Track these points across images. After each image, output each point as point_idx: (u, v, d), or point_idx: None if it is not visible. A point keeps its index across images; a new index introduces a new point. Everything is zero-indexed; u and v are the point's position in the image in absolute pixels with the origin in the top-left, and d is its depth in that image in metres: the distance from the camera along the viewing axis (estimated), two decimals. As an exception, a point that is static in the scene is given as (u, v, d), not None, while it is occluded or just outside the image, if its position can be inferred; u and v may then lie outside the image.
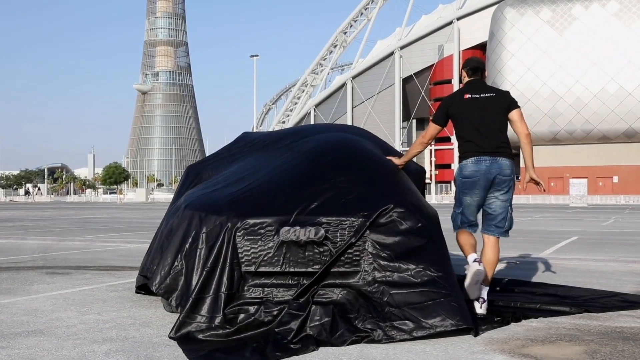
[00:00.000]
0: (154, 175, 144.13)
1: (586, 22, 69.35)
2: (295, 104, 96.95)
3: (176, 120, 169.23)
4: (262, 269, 4.05)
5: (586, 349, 3.58)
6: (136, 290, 5.39)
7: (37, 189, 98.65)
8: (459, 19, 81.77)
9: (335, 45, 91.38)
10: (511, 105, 4.57)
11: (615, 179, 69.51)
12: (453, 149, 69.12)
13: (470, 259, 4.39)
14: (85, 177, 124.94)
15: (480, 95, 4.57)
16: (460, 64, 69.78)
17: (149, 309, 4.79)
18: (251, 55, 68.00)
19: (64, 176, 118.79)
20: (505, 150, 4.54)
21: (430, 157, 68.23)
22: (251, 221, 4.13)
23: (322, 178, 4.51)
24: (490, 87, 4.72)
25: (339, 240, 4.05)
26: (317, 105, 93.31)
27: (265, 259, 4.05)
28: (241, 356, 3.47)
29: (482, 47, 78.01)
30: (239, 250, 4.07)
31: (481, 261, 4.39)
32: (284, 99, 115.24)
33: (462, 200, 4.59)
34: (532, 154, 4.62)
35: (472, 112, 4.55)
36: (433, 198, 60.12)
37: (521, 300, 4.90)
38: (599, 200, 56.39)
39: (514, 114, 4.55)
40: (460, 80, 4.83)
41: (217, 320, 3.88)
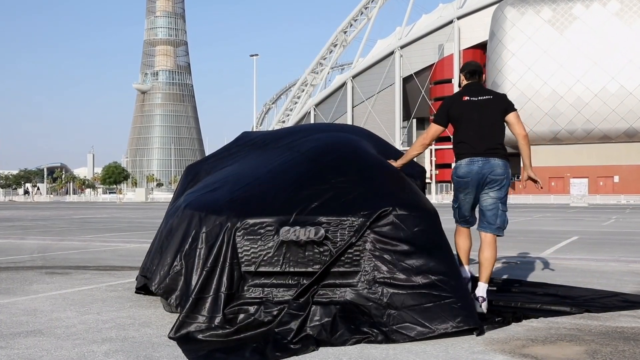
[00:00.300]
0: (153, 175, 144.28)
1: (587, 22, 69.31)
2: (295, 103, 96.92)
3: (176, 119, 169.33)
4: (262, 269, 4.03)
5: (587, 349, 3.57)
6: (136, 291, 5.38)
7: (37, 188, 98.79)
8: (459, 18, 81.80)
9: (335, 45, 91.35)
10: (508, 107, 4.69)
11: (615, 179, 69.46)
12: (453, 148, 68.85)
13: (466, 278, 4.59)
14: (85, 177, 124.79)
15: (478, 98, 4.69)
16: (461, 63, 69.92)
17: (149, 309, 4.78)
18: (251, 55, 67.98)
19: (63, 176, 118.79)
20: (499, 152, 4.66)
21: (431, 157, 68.15)
22: (251, 221, 4.12)
23: (322, 178, 4.50)
24: (488, 90, 4.87)
25: (339, 240, 4.04)
26: (317, 105, 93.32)
27: (265, 258, 4.04)
28: (241, 356, 3.46)
29: (483, 47, 78.01)
30: (239, 250, 4.06)
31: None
32: (284, 99, 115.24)
33: (458, 197, 4.85)
34: (530, 154, 4.79)
35: (471, 114, 4.66)
36: (433, 198, 60.09)
37: (522, 300, 4.91)
38: (600, 200, 56.43)
39: (511, 117, 4.67)
40: (459, 84, 4.95)
41: (217, 320, 3.87)
